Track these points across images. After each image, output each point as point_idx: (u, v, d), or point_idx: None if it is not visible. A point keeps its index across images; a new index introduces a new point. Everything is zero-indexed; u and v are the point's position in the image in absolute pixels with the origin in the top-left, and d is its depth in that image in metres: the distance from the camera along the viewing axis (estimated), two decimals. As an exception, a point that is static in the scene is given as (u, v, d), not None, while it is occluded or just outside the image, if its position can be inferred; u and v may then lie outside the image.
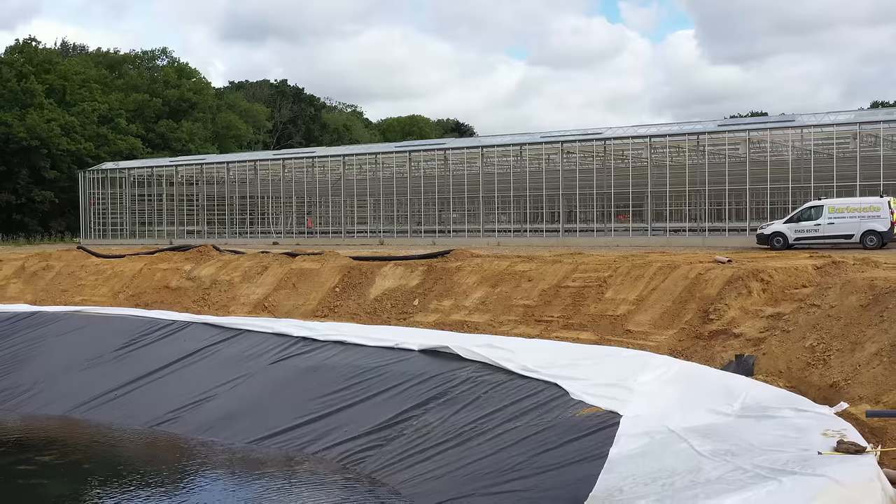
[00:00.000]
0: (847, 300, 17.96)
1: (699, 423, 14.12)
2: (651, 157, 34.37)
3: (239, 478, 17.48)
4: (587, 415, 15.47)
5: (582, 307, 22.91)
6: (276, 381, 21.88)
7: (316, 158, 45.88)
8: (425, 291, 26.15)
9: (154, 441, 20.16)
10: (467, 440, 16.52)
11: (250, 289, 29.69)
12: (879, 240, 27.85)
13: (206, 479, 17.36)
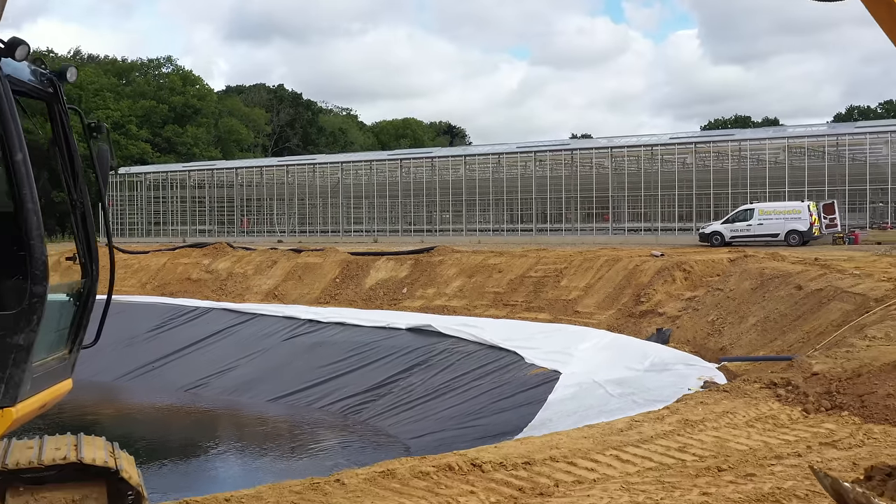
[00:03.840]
0: (742, 284, 22.72)
1: (616, 376, 18.79)
2: (612, 165, 39.13)
3: (263, 421, 22.21)
4: (536, 374, 20.16)
5: (541, 293, 27.67)
6: (288, 354, 26.55)
7: (316, 165, 50.64)
8: (413, 281, 30.85)
9: (189, 398, 24.82)
10: (442, 394, 21.23)
11: (262, 280, 34.34)
12: (800, 238, 32.39)
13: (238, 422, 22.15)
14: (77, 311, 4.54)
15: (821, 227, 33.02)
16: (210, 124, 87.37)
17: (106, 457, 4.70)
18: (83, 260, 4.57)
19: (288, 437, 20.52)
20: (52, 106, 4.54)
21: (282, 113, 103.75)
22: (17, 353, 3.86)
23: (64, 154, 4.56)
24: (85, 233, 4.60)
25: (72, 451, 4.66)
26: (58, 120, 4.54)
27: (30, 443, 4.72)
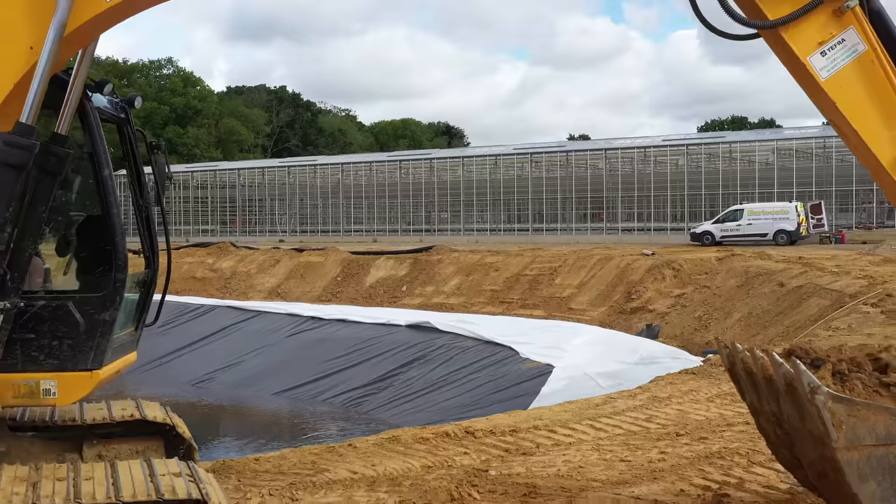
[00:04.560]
0: (728, 282, 23.74)
1: (607, 369, 19.74)
2: (606, 167, 40.16)
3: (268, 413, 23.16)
4: (531, 367, 21.13)
5: (536, 291, 28.69)
6: (292, 349, 27.47)
7: (317, 166, 51.65)
8: (412, 280, 31.85)
9: (197, 392, 25.78)
10: (441, 387, 22.19)
11: (265, 278, 35.31)
12: (788, 237, 33.42)
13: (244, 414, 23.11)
14: (141, 296, 5.50)
15: (808, 226, 34.03)
16: (211, 125, 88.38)
17: (163, 415, 5.71)
18: (147, 254, 5.54)
19: (293, 427, 21.48)
20: (123, 128, 5.50)
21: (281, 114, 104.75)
22: (103, 326, 4.84)
23: (131, 168, 5.52)
24: (148, 232, 5.58)
25: (136, 410, 5.66)
26: (127, 139, 5.50)
27: (99, 405, 5.70)
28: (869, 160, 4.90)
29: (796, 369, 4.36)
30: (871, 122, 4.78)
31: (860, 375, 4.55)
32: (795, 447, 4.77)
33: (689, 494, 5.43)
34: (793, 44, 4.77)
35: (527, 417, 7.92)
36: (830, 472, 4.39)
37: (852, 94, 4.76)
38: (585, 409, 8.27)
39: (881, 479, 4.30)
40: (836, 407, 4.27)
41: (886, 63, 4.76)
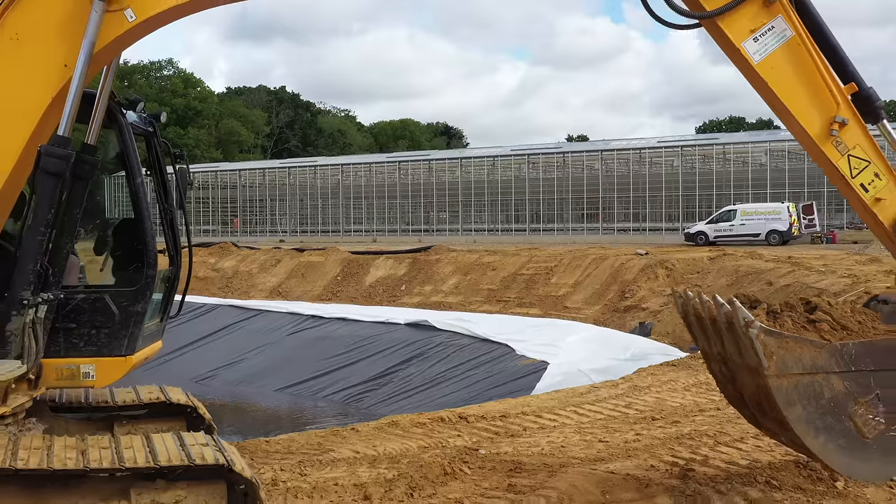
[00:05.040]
0: (719, 281, 24.35)
1: (599, 366, 20.33)
2: (602, 168, 40.81)
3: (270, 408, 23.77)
4: (526, 364, 21.72)
5: (533, 290, 29.32)
6: (293, 347, 28.06)
7: (317, 167, 52.28)
8: (410, 279, 32.46)
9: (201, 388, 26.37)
10: (439, 383, 22.78)
11: (266, 278, 35.92)
12: (780, 237, 34.06)
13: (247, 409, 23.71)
14: (166, 291, 6.11)
15: (800, 227, 34.66)
16: (211, 126, 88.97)
17: (185, 398, 6.33)
18: (171, 253, 6.14)
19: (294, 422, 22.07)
20: (150, 140, 6.11)
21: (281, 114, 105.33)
22: (136, 317, 5.45)
23: (157, 175, 6.12)
24: (172, 233, 6.18)
25: (160, 393, 6.29)
26: (154, 150, 6.12)
27: (127, 389, 6.31)
28: (800, 134, 5.61)
29: (734, 307, 5.03)
30: (800, 98, 5.48)
31: (791, 314, 5.29)
32: (737, 382, 5.46)
33: (658, 469, 6.05)
34: (728, 31, 5.45)
35: (516, 405, 8.54)
36: (764, 400, 5.12)
37: (782, 74, 5.47)
38: (570, 397, 8.89)
39: (806, 404, 4.99)
40: (768, 339, 4.93)
41: (811, 46, 5.47)
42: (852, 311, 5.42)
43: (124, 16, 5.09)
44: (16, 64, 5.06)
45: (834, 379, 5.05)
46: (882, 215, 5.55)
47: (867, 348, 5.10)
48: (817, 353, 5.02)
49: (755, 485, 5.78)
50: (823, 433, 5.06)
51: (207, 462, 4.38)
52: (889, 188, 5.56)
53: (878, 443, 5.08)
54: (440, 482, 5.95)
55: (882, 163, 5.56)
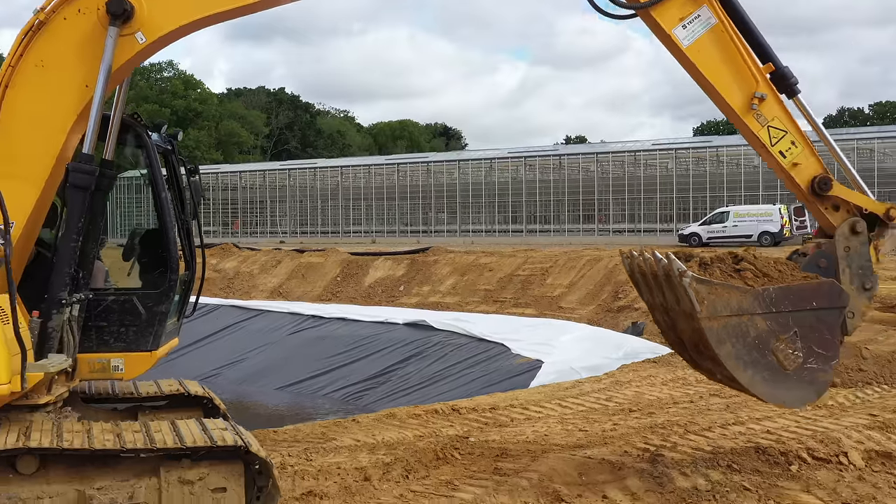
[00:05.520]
0: (709, 282, 25.00)
1: (592, 364, 20.87)
2: (598, 170, 41.47)
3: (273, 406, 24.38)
4: (521, 363, 22.32)
5: (528, 290, 29.95)
6: (294, 347, 28.66)
7: (317, 169, 52.90)
8: (409, 279, 33.09)
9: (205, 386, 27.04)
10: (436, 382, 23.38)
11: (267, 279, 36.53)
12: (772, 239, 34.63)
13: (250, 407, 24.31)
14: (182, 292, 6.72)
15: (791, 228, 35.28)
16: (211, 127, 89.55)
17: (202, 390, 6.97)
18: (187, 259, 6.76)
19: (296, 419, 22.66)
20: (168, 157, 6.73)
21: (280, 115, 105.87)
22: (160, 316, 6.08)
23: (174, 188, 6.73)
24: (188, 240, 6.79)
25: (180, 386, 6.93)
26: (172, 166, 6.74)
27: (149, 382, 6.94)
28: (726, 109, 6.39)
29: (670, 260, 5.78)
30: (724, 77, 6.27)
31: (720, 265, 6.07)
32: (677, 328, 6.20)
33: (630, 455, 6.68)
34: (660, 20, 6.20)
35: (505, 398, 9.17)
36: (699, 341, 5.86)
37: (708, 56, 6.24)
38: (556, 391, 9.51)
39: (735, 342, 5.74)
40: (699, 287, 5.68)
41: (733, 31, 6.23)
42: (774, 261, 6.19)
43: (135, 38, 5.67)
44: (43, 88, 5.62)
45: (758, 319, 5.79)
46: (798, 178, 6.35)
47: (785, 292, 5.87)
48: (743, 298, 5.76)
49: (717, 468, 6.42)
50: (751, 367, 5.81)
51: (227, 443, 5.00)
52: (804, 154, 6.37)
53: (797, 374, 5.86)
54: (433, 466, 6.58)
55: (797, 132, 6.42)
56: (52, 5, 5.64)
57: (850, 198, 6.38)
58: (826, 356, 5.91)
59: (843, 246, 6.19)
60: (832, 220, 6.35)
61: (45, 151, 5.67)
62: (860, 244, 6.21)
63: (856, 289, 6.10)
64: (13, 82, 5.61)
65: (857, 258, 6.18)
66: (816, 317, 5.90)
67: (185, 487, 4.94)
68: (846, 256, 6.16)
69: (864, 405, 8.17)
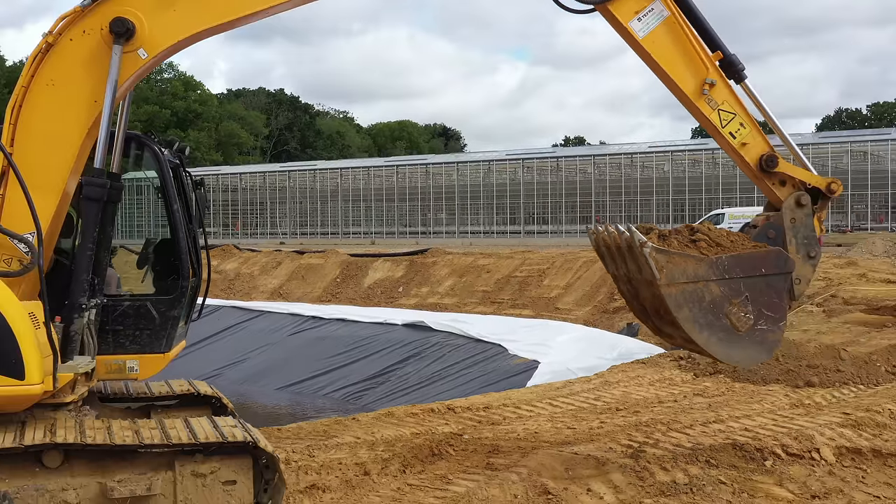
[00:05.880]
0: (703, 284, 25.40)
1: (587, 365, 21.25)
2: (595, 172, 41.88)
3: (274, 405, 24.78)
4: (518, 363, 22.71)
5: (526, 291, 30.36)
6: (294, 347, 29.05)
7: (317, 171, 53.30)
8: (408, 281, 33.49)
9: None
10: (434, 382, 23.77)
11: (267, 280, 36.93)
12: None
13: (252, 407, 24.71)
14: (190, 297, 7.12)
15: (785, 230, 35.65)
16: (211, 128, 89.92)
17: (211, 390, 7.38)
18: (194, 266, 7.15)
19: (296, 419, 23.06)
20: (178, 170, 7.13)
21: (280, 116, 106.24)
22: (172, 320, 6.48)
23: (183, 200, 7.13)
24: (195, 249, 7.20)
25: (189, 386, 7.34)
26: (181, 179, 7.14)
27: (160, 383, 7.34)
28: (679, 95, 6.89)
29: (631, 232, 6.30)
30: (677, 65, 6.78)
31: (677, 236, 6.57)
32: (640, 296, 6.70)
33: (614, 451, 7.08)
34: (617, 14, 6.73)
35: (498, 398, 9.57)
36: (660, 307, 6.34)
37: (662, 46, 6.75)
38: (547, 391, 9.92)
39: (692, 306, 6.25)
40: (658, 256, 6.18)
41: (684, 23, 6.75)
42: (727, 233, 6.71)
43: (138, 55, 6.04)
44: (55, 105, 5.99)
45: (712, 285, 6.30)
46: (747, 156, 6.85)
47: (737, 260, 6.37)
48: (698, 266, 6.27)
49: (696, 463, 6.82)
50: (706, 329, 6.31)
51: (237, 439, 5.39)
52: (752, 135, 6.86)
53: (749, 335, 6.37)
54: (429, 461, 6.99)
55: (745, 114, 6.92)
56: (59, 28, 6.01)
57: (795, 174, 6.89)
58: (775, 318, 6.44)
59: (789, 217, 6.71)
60: (779, 194, 6.86)
61: (61, 164, 6.05)
62: (805, 216, 6.74)
63: (801, 257, 6.68)
64: (27, 101, 5.98)
65: (802, 229, 6.72)
66: (766, 282, 6.42)
67: (198, 480, 5.34)
68: (792, 227, 6.70)
69: (840, 404, 8.57)
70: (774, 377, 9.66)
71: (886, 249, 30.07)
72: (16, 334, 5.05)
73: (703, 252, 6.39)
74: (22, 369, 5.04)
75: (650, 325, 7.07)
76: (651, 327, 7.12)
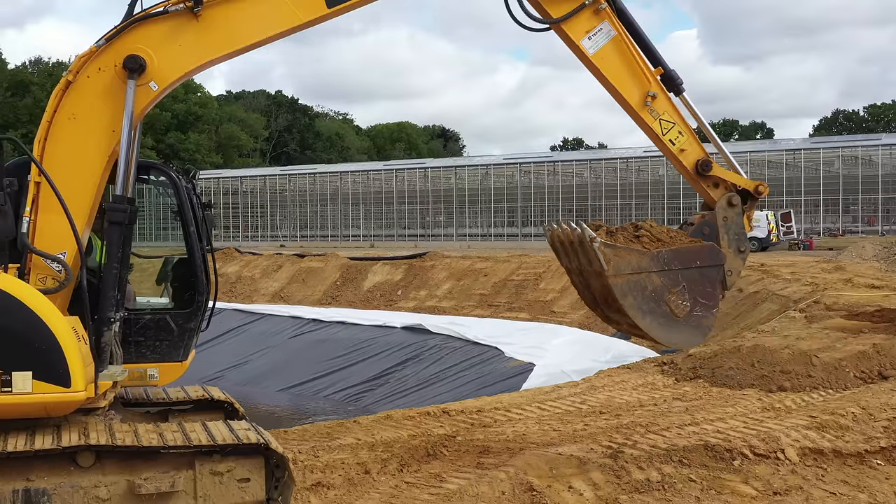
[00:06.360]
0: (694, 288, 25.97)
1: (581, 367, 21.84)
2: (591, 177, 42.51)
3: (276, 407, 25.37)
4: (514, 366, 23.31)
5: (522, 295, 30.96)
6: (295, 350, 29.65)
7: (317, 175, 53.93)
8: (406, 284, 34.09)
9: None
10: (432, 384, 24.38)
11: (268, 283, 37.52)
12: (760, 244, 35.65)
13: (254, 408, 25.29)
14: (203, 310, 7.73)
15: (778, 234, 36.32)
16: (211, 131, 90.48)
17: (224, 395, 8.00)
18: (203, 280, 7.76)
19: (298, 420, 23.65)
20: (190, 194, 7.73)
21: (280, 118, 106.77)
22: (189, 331, 7.10)
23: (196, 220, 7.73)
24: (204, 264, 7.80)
25: (204, 392, 7.96)
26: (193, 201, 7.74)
27: (177, 389, 7.95)
28: (625, 106, 7.70)
29: (582, 228, 7.01)
30: (624, 79, 7.59)
31: (623, 233, 7.28)
32: (590, 287, 7.43)
33: (595, 451, 7.69)
34: (570, 32, 7.47)
35: (490, 401, 10.18)
36: (608, 295, 7.09)
37: (610, 62, 7.54)
38: (537, 395, 10.53)
39: (636, 294, 6.98)
40: (607, 250, 6.90)
41: (629, 41, 7.50)
42: (667, 230, 7.47)
43: (149, 87, 6.64)
44: (76, 137, 6.60)
45: (653, 276, 7.03)
46: (685, 161, 7.54)
47: (676, 254, 7.11)
48: (641, 258, 6.99)
49: (670, 463, 7.44)
50: (648, 315, 7.02)
51: (251, 441, 5.99)
52: (689, 141, 7.54)
53: (686, 320, 7.10)
54: (424, 461, 7.60)
55: (683, 124, 7.59)
56: (77, 66, 6.62)
57: (727, 177, 7.60)
58: (709, 305, 7.19)
59: (721, 216, 7.43)
60: (713, 195, 7.58)
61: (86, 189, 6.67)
62: (735, 215, 7.48)
63: (732, 251, 7.43)
64: (51, 134, 6.59)
65: (733, 226, 7.46)
66: (701, 273, 7.16)
67: (216, 478, 5.95)
68: (724, 225, 7.42)
69: (808, 408, 9.17)
70: (749, 382, 10.27)
71: (876, 253, 30.70)
72: (62, 346, 5.66)
73: (646, 246, 7.11)
74: (68, 378, 5.66)
75: (598, 312, 7.81)
76: (600, 314, 7.85)
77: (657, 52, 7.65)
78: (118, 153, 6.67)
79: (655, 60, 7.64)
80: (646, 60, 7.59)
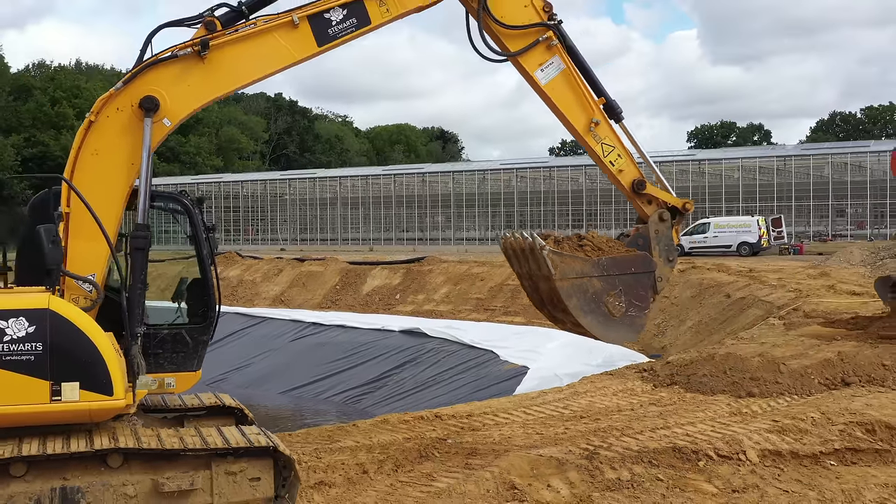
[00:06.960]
0: (684, 293, 26.73)
1: (573, 371, 22.52)
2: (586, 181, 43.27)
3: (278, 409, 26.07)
4: (509, 369, 23.99)
5: (518, 299, 31.64)
6: (295, 353, 30.31)
7: (317, 179, 54.68)
8: (405, 288, 34.80)
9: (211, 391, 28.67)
10: (430, 386, 25.06)
11: (269, 287, 38.24)
12: (750, 249, 36.46)
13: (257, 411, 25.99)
14: (216, 324, 8.49)
15: (769, 238, 37.09)
16: (211, 133, 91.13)
17: (235, 402, 8.76)
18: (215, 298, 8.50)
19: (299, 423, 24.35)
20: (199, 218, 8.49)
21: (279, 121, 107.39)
22: (202, 344, 7.86)
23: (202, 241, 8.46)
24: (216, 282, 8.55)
25: (216, 399, 8.71)
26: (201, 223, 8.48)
27: (191, 396, 8.70)
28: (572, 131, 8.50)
29: (533, 237, 7.95)
30: (572, 107, 8.42)
31: (568, 242, 8.27)
32: (539, 290, 8.35)
33: (573, 453, 8.43)
34: (525, 65, 8.36)
35: (480, 406, 10.93)
36: (555, 297, 8.02)
37: (560, 92, 8.40)
38: (523, 400, 11.28)
39: (580, 296, 7.94)
40: (554, 257, 7.86)
41: (576, 74, 8.42)
42: (607, 240, 8.49)
43: (163, 123, 7.44)
44: (100, 170, 7.37)
45: (594, 280, 8.01)
46: (623, 180, 8.54)
47: (614, 261, 8.11)
48: (584, 264, 7.97)
49: (640, 463, 8.18)
50: (589, 314, 8.00)
51: (262, 444, 6.73)
52: (626, 163, 8.57)
53: (621, 319, 8.10)
54: (417, 462, 8.35)
55: (622, 148, 8.59)
56: (98, 107, 7.38)
57: (658, 195, 8.60)
58: (641, 307, 8.18)
59: (653, 230, 8.41)
60: (647, 210, 8.55)
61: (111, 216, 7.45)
62: (665, 228, 8.49)
63: (662, 260, 8.40)
64: (77, 169, 7.36)
65: (663, 238, 8.45)
66: (635, 279, 8.14)
67: (230, 477, 6.69)
68: (656, 237, 8.40)
69: (772, 413, 9.90)
70: (721, 388, 11.01)
71: (863, 258, 31.41)
72: (105, 359, 6.43)
73: (588, 254, 8.06)
74: (111, 387, 6.43)
75: (545, 312, 8.72)
76: (546, 314, 8.77)
77: (600, 84, 8.55)
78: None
79: (599, 91, 8.52)
80: (591, 91, 8.47)
